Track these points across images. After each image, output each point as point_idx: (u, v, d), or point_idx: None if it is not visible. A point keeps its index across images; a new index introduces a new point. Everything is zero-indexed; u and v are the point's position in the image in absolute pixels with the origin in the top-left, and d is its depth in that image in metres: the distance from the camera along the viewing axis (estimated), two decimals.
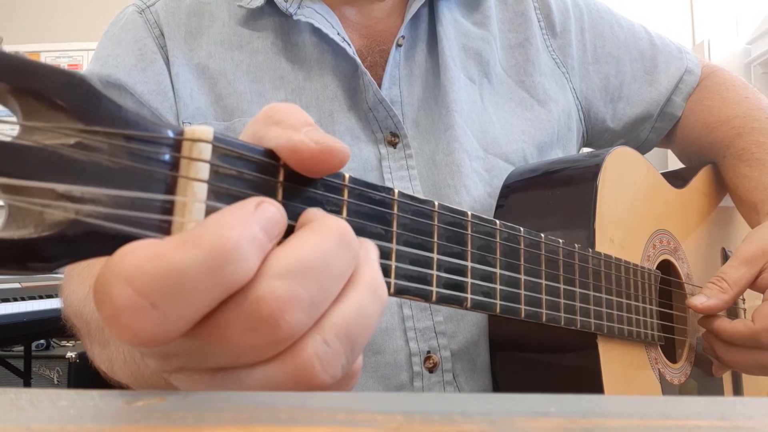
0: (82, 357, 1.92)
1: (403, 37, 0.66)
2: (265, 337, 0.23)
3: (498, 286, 0.38)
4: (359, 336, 0.25)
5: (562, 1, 0.76)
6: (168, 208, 0.23)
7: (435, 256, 0.33)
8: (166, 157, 0.22)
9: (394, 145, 0.63)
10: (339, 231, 0.25)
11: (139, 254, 0.21)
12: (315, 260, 0.24)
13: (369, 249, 0.28)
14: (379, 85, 0.64)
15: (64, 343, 2.17)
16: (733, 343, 0.62)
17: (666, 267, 0.66)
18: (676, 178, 0.74)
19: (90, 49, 2.76)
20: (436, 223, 0.33)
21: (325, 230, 0.25)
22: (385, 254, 0.30)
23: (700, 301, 0.60)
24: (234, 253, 0.22)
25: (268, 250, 0.24)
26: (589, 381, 0.53)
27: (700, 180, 0.77)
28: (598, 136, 0.80)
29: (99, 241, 0.21)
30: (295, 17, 0.63)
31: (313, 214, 0.27)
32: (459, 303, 0.34)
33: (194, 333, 0.23)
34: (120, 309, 0.21)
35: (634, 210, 0.62)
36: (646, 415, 0.19)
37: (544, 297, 0.42)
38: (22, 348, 1.93)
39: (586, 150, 0.74)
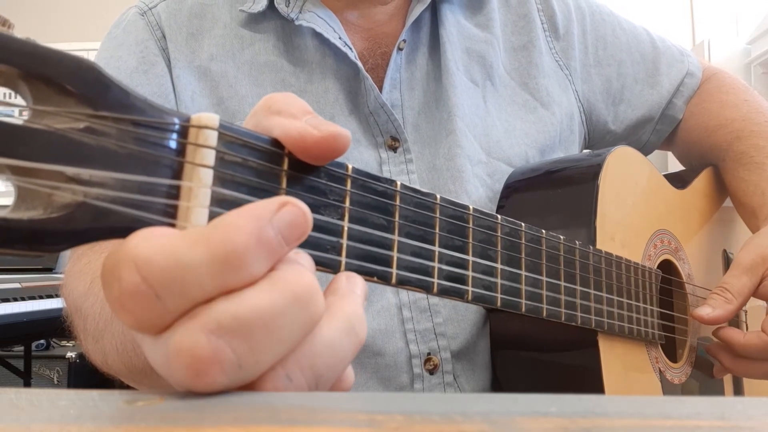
0: (82, 357, 1.92)
1: (404, 41, 0.66)
2: (186, 385, 0.22)
3: (499, 280, 0.38)
4: (326, 372, 0.24)
5: (565, 3, 0.76)
6: (174, 193, 0.23)
7: (436, 248, 0.33)
8: (173, 143, 0.23)
9: (394, 149, 0.63)
10: (296, 290, 0.23)
11: (152, 243, 0.21)
12: (253, 320, 0.22)
13: (356, 283, 0.26)
14: (380, 87, 0.64)
15: (64, 343, 2.18)
16: (746, 356, 0.62)
17: (667, 267, 0.66)
18: (678, 180, 0.74)
19: (90, 49, 2.76)
20: (437, 215, 0.33)
21: (281, 286, 0.22)
22: (386, 245, 0.30)
23: (705, 312, 0.61)
24: (239, 259, 0.21)
25: (282, 254, 0.23)
26: (589, 379, 0.53)
27: (702, 181, 0.77)
28: (600, 138, 0.80)
29: (106, 224, 0.21)
30: (296, 22, 0.63)
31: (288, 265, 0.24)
32: (460, 295, 0.34)
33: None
34: (126, 292, 0.21)
35: (636, 209, 0.62)
36: (646, 415, 0.19)
37: (544, 292, 0.42)
38: (22, 348, 1.93)
39: (587, 152, 0.75)
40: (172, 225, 0.23)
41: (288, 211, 0.23)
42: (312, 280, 0.23)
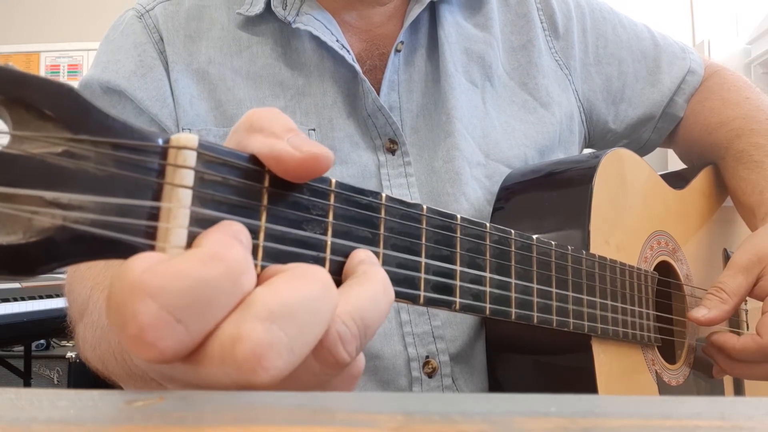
0: None
1: (402, 42, 0.65)
2: (243, 379, 0.23)
3: (488, 289, 0.38)
4: (372, 322, 0.27)
5: (564, 2, 0.76)
6: (154, 214, 0.23)
7: (423, 259, 0.33)
8: (152, 164, 0.23)
9: (392, 152, 0.63)
10: (324, 279, 0.26)
11: (159, 271, 0.22)
12: (298, 304, 0.24)
13: (372, 255, 0.30)
14: (378, 89, 0.63)
15: (64, 343, 2.18)
16: (742, 360, 0.62)
17: (665, 268, 0.65)
18: (677, 179, 0.73)
19: (90, 49, 2.76)
20: (424, 226, 0.33)
21: (311, 277, 0.25)
22: None
23: (701, 313, 0.60)
24: (245, 263, 0.24)
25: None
26: (583, 382, 0.53)
27: (701, 181, 0.76)
28: (600, 137, 0.79)
29: (86, 247, 0.21)
30: (293, 25, 0.62)
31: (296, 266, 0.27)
32: (447, 305, 0.34)
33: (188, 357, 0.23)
34: (145, 326, 0.21)
35: (631, 212, 0.62)
36: (646, 415, 0.19)
37: (535, 299, 0.42)
38: (22, 348, 1.94)
39: (587, 151, 0.74)
40: (152, 246, 0.23)
41: (238, 229, 0.25)
42: (328, 273, 0.27)
